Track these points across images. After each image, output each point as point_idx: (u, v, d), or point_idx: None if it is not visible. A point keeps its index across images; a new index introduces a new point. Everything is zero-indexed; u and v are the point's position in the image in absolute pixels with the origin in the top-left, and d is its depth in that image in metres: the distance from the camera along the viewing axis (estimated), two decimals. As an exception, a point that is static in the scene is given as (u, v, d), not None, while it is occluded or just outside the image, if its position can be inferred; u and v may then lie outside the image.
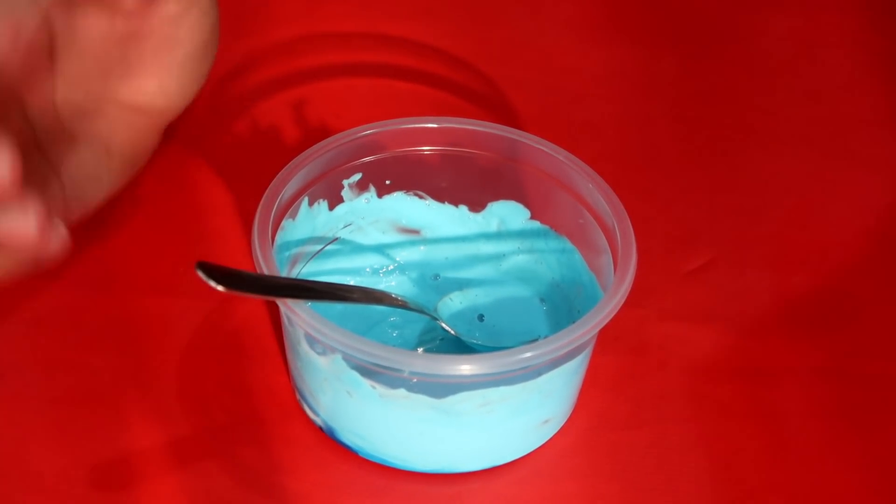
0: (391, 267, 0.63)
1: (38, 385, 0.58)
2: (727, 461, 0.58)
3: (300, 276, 0.61)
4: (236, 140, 0.72)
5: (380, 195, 0.62)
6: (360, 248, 0.63)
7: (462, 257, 0.64)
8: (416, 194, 0.63)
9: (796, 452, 0.58)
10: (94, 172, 0.57)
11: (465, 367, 0.51)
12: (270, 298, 0.57)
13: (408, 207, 0.63)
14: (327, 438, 0.57)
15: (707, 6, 0.83)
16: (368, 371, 0.52)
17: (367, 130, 0.60)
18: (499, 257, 0.64)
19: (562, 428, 0.58)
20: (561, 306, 0.62)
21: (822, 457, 0.58)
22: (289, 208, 0.58)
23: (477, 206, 0.63)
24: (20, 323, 0.61)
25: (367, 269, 0.63)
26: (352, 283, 0.62)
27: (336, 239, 0.63)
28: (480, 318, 0.61)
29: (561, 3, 0.83)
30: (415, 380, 0.53)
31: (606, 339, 0.58)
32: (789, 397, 0.60)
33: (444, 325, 0.60)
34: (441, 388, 0.53)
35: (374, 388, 0.53)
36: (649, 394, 0.60)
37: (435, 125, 0.60)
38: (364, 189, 0.62)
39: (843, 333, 0.64)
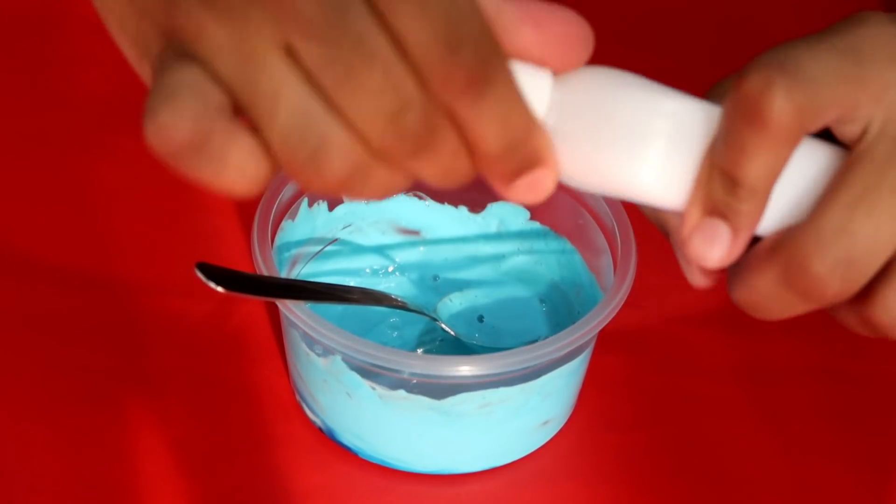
0: (391, 268, 0.63)
1: (38, 385, 0.58)
2: (727, 461, 0.58)
3: (300, 277, 0.61)
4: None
5: (380, 196, 0.62)
6: (359, 249, 0.63)
7: (462, 258, 0.64)
8: (416, 195, 0.63)
9: (796, 452, 0.58)
10: None
11: (465, 368, 0.51)
12: (270, 299, 0.57)
13: (407, 208, 0.63)
14: (327, 439, 0.57)
15: (708, 7, 0.82)
16: (368, 372, 0.52)
17: (368, 131, 0.60)
18: (498, 258, 0.64)
19: (562, 429, 0.58)
20: (561, 307, 0.62)
21: (822, 457, 0.58)
22: (288, 209, 0.58)
23: (477, 206, 0.63)
24: (20, 323, 0.61)
25: (367, 270, 0.63)
26: (351, 284, 0.62)
27: (336, 240, 0.62)
28: (480, 318, 0.61)
29: (560, 3, 0.82)
30: (414, 381, 0.53)
31: (606, 340, 0.58)
32: (789, 397, 0.60)
33: (443, 326, 0.60)
34: (441, 389, 0.53)
35: (373, 389, 0.53)
36: (649, 394, 0.60)
37: None
38: (364, 189, 0.62)
39: (843, 333, 0.63)
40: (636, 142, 0.40)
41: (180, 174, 0.37)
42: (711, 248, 0.40)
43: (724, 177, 0.39)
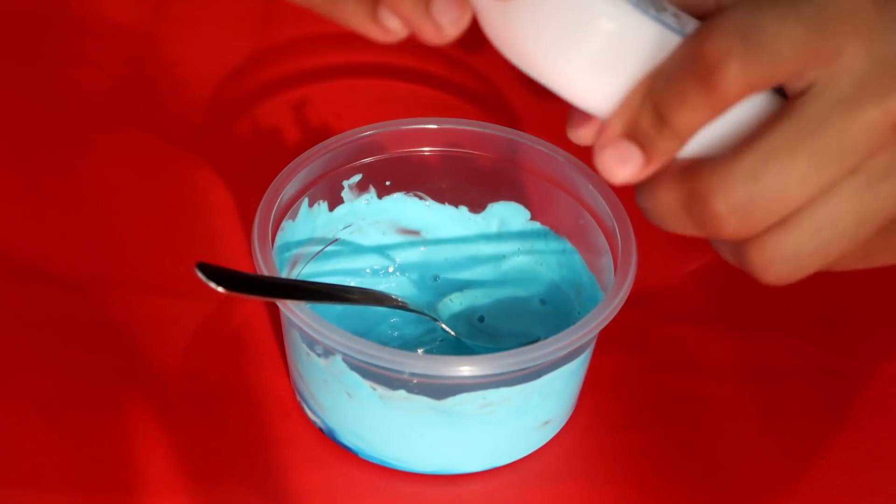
0: (391, 268, 0.63)
1: (38, 385, 0.58)
2: (727, 461, 0.58)
3: (300, 277, 0.61)
4: (237, 140, 0.72)
5: (380, 196, 0.62)
6: (360, 249, 0.63)
7: (462, 258, 0.64)
8: (417, 195, 0.63)
9: (796, 452, 0.58)
10: None
11: (466, 368, 0.50)
12: (270, 299, 0.57)
13: (408, 208, 0.63)
14: (327, 439, 0.57)
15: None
16: (368, 372, 0.52)
17: (368, 131, 0.60)
18: (499, 258, 0.64)
19: (562, 429, 0.58)
20: (561, 307, 0.62)
21: (822, 457, 0.58)
22: (289, 209, 0.58)
23: (477, 206, 0.63)
24: (20, 323, 0.61)
25: (367, 271, 0.63)
26: (352, 284, 0.62)
27: (336, 240, 0.62)
28: (481, 319, 0.61)
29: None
30: (415, 381, 0.53)
31: (607, 340, 0.58)
32: (789, 397, 0.60)
33: (444, 326, 0.60)
34: (441, 390, 0.53)
35: (374, 389, 0.53)
36: (649, 394, 0.60)
37: (435, 126, 0.60)
38: (364, 190, 0.62)
39: (843, 333, 0.63)
40: (576, 34, 0.40)
41: None
42: (620, 169, 0.41)
43: (655, 111, 0.40)
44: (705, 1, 0.43)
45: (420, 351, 0.60)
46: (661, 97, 0.40)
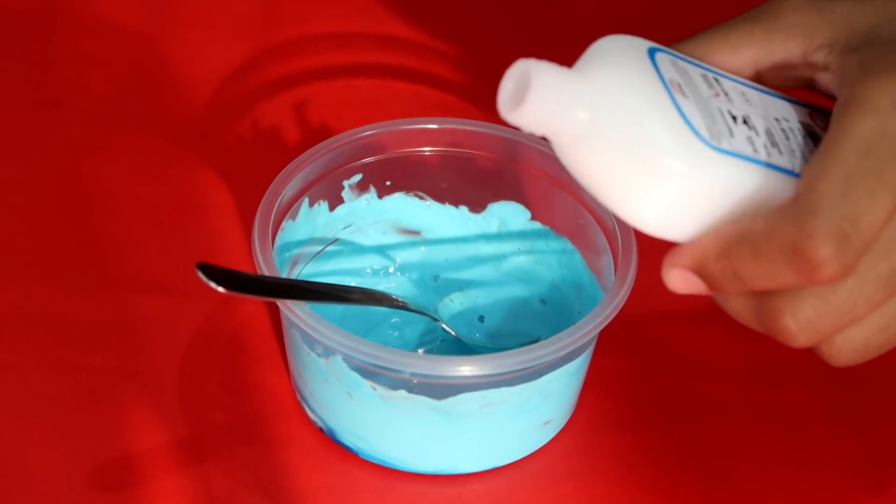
0: (391, 268, 0.63)
1: (38, 385, 0.58)
2: (727, 461, 0.58)
3: (300, 277, 0.61)
4: (237, 140, 0.72)
5: (380, 196, 0.62)
6: (360, 249, 0.63)
7: (462, 258, 0.64)
8: (417, 195, 0.63)
9: (796, 452, 0.58)
10: None
11: (466, 368, 0.50)
12: (271, 299, 0.57)
13: (408, 208, 0.63)
14: (327, 439, 0.57)
15: (708, 6, 0.82)
16: (369, 372, 0.52)
17: (368, 131, 0.60)
18: (499, 258, 0.64)
19: (562, 429, 0.58)
20: (562, 307, 0.62)
21: (822, 457, 0.58)
22: (289, 209, 0.58)
23: (477, 206, 0.63)
24: (20, 323, 0.61)
25: (368, 270, 0.63)
26: (352, 284, 0.62)
27: (336, 240, 0.62)
28: (481, 319, 0.61)
29: (562, 2, 0.83)
30: (415, 381, 0.53)
31: (607, 340, 0.58)
32: (789, 397, 0.60)
33: (444, 326, 0.60)
34: (441, 390, 0.53)
35: (374, 389, 0.53)
36: (650, 394, 0.60)
37: (435, 126, 0.60)
38: (364, 190, 0.62)
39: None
40: (651, 179, 0.40)
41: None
42: (683, 289, 0.44)
43: (733, 272, 0.41)
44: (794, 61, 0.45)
45: (420, 351, 0.60)
46: (744, 268, 0.41)
